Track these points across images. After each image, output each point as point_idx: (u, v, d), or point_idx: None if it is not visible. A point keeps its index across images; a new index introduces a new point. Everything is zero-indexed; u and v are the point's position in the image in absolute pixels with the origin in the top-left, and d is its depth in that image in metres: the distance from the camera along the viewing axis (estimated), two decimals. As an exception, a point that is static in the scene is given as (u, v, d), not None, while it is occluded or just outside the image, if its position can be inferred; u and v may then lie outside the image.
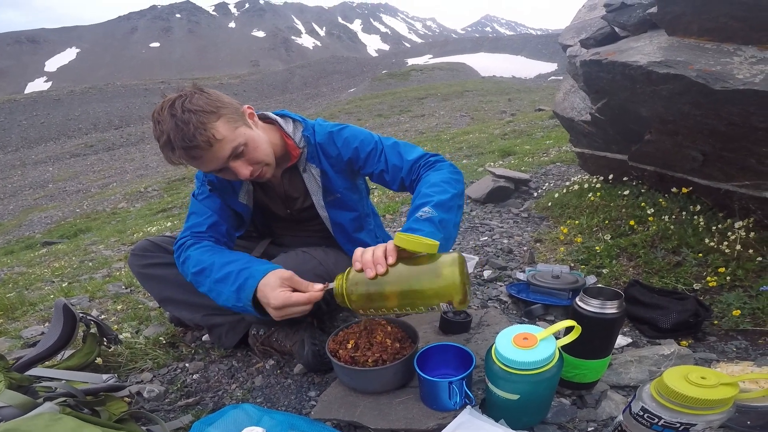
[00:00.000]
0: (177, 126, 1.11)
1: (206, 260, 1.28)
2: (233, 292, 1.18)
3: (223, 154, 1.18)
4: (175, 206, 7.72)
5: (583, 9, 2.93)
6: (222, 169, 1.23)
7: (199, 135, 1.12)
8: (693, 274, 1.71)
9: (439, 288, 0.98)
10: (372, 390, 1.23)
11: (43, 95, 36.24)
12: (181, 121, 1.11)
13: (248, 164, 1.24)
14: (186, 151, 1.13)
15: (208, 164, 1.20)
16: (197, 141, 1.12)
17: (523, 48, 61.13)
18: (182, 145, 1.12)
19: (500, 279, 1.99)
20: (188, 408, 1.32)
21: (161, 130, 1.14)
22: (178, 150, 1.13)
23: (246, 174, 1.23)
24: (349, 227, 1.57)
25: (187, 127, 1.11)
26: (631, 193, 2.34)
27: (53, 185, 15.19)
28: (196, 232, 1.39)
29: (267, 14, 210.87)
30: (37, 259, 5.08)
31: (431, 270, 1.00)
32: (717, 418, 0.82)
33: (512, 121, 10.65)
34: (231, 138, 1.18)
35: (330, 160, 1.44)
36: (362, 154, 1.42)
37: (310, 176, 1.44)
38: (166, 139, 1.13)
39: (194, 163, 1.20)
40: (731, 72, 1.40)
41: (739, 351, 1.36)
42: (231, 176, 1.27)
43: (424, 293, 1.00)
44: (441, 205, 1.17)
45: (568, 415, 1.12)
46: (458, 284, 0.97)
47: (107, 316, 2.10)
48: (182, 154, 1.14)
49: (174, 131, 1.11)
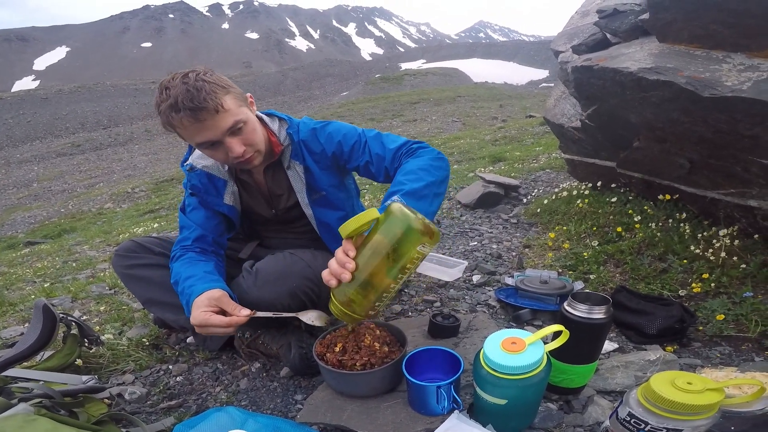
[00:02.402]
0: (188, 90, 1.14)
1: (179, 273, 1.34)
2: (184, 306, 1.27)
3: (224, 125, 1.20)
4: (163, 207, 7.63)
5: (576, 15, 2.97)
6: (216, 142, 1.23)
7: (210, 100, 1.15)
8: (678, 280, 1.73)
9: (403, 233, 0.95)
10: (360, 394, 1.22)
11: (30, 94, 35.70)
12: (193, 87, 1.15)
13: (242, 144, 1.26)
14: (192, 113, 1.15)
15: (207, 132, 1.20)
16: (206, 104, 1.15)
17: (516, 54, 61.77)
18: (190, 106, 1.14)
19: (489, 284, 1.99)
20: (170, 410, 1.29)
21: (168, 94, 1.16)
22: (183, 111, 1.14)
23: (238, 151, 1.24)
24: (336, 227, 1.55)
25: (198, 93, 1.14)
26: (618, 200, 2.36)
27: (38, 184, 14.94)
28: (183, 245, 1.44)
29: (261, 16, 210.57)
30: (19, 259, 4.98)
31: (386, 228, 0.97)
32: (703, 423, 0.82)
33: (503, 127, 10.73)
34: (235, 112, 1.22)
35: (314, 156, 1.44)
36: (346, 148, 1.42)
37: (295, 173, 1.44)
38: (173, 101, 1.14)
39: (194, 128, 1.19)
40: (720, 79, 1.42)
41: (723, 357, 1.37)
42: (221, 155, 1.28)
43: (397, 252, 0.96)
44: (412, 193, 1.14)
45: (555, 420, 1.11)
46: (413, 218, 0.94)
47: (89, 317, 2.05)
48: (187, 115, 1.15)
49: (183, 94, 1.14)
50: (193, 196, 1.48)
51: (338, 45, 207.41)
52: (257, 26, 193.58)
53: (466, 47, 77.34)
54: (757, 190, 1.62)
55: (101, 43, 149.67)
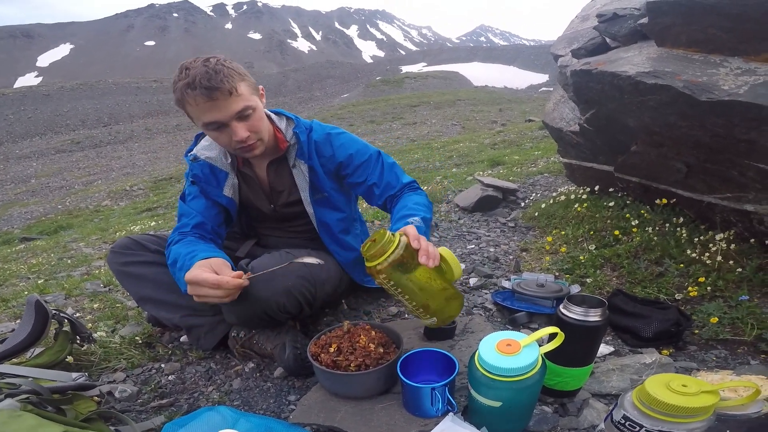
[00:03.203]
0: (207, 71, 1.19)
1: (179, 252, 1.32)
2: (181, 276, 1.21)
3: (234, 108, 1.24)
4: (161, 206, 7.61)
5: (576, 19, 2.97)
6: (222, 125, 1.26)
7: (226, 82, 1.20)
8: (675, 284, 1.72)
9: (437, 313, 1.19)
10: (354, 395, 1.21)
11: (32, 90, 35.69)
12: (212, 69, 1.20)
13: (247, 130, 1.29)
14: (208, 91, 1.19)
15: (217, 112, 1.23)
16: (222, 86, 1.20)
17: (516, 58, 61.96)
18: (206, 85, 1.18)
19: (486, 287, 1.99)
20: (161, 409, 1.28)
21: (187, 74, 1.20)
22: (199, 89, 1.19)
23: (243, 136, 1.27)
24: (335, 227, 1.57)
25: (216, 74, 1.20)
26: (616, 205, 2.36)
27: (36, 180, 14.92)
28: (182, 231, 1.43)
29: (264, 17, 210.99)
30: (14, 255, 4.95)
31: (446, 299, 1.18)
32: (698, 426, 0.82)
33: (502, 131, 10.74)
34: (247, 98, 1.27)
35: (321, 159, 1.49)
36: (355, 162, 1.49)
37: (299, 171, 1.47)
38: (190, 80, 1.19)
39: (206, 106, 1.22)
40: (717, 83, 1.42)
41: (719, 360, 1.37)
42: (225, 138, 1.30)
43: (431, 309, 1.17)
44: (425, 221, 1.29)
45: (550, 423, 1.11)
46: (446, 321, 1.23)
47: (83, 315, 2.04)
48: (202, 93, 1.19)
49: (202, 74, 1.19)
50: (194, 186, 1.50)
51: (340, 47, 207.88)
52: (260, 27, 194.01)
53: (466, 51, 77.56)
54: (754, 195, 1.61)
55: (105, 41, 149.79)
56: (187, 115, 1.30)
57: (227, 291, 1.15)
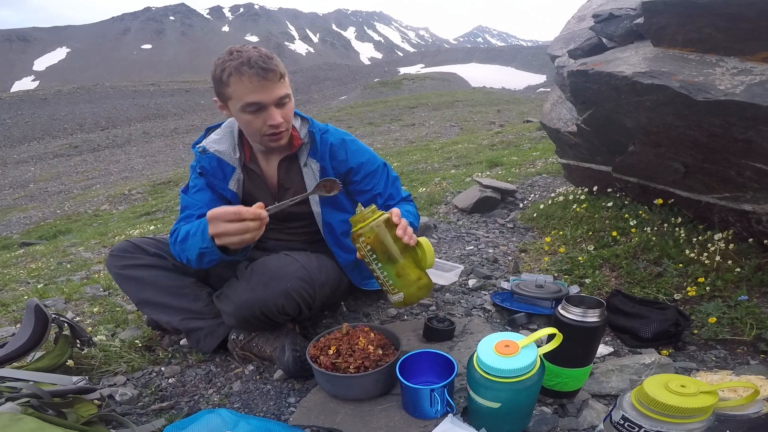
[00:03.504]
0: (261, 55, 1.28)
1: (189, 227, 1.35)
2: (199, 235, 1.24)
3: (279, 92, 1.32)
4: (160, 210, 7.60)
5: (573, 20, 2.98)
6: (262, 107, 1.31)
7: (278, 67, 1.30)
8: (674, 284, 1.73)
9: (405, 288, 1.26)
10: (353, 397, 1.21)
11: (29, 94, 35.65)
12: (265, 54, 1.30)
13: (281, 117, 1.35)
14: (263, 71, 1.26)
15: (264, 93, 1.29)
16: (276, 68, 1.29)
17: (514, 59, 62.08)
18: (263, 65, 1.26)
19: (485, 288, 1.99)
20: (162, 412, 1.28)
21: (240, 55, 1.27)
22: (255, 68, 1.25)
23: (279, 120, 1.34)
24: (338, 228, 1.59)
25: (270, 59, 1.29)
26: (614, 205, 2.37)
27: (34, 185, 14.89)
28: (187, 221, 1.45)
29: (261, 19, 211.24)
30: (14, 260, 4.95)
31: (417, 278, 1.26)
32: (696, 426, 0.82)
33: (501, 132, 10.75)
34: (288, 86, 1.37)
35: (334, 162, 1.54)
36: (366, 170, 1.56)
37: (310, 170, 1.50)
38: (245, 60, 1.25)
39: (256, 85, 1.27)
40: (713, 83, 1.42)
41: (718, 360, 1.37)
42: (259, 122, 1.34)
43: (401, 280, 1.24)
44: (413, 227, 1.40)
45: (550, 423, 1.11)
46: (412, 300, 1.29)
47: (83, 319, 2.04)
48: (256, 72, 1.25)
49: (258, 57, 1.27)
50: (201, 178, 1.52)
51: (337, 49, 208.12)
52: (257, 29, 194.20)
53: (464, 52, 77.73)
54: (751, 194, 1.62)
55: (101, 45, 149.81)
56: (223, 96, 1.33)
57: (248, 224, 1.13)
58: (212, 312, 1.50)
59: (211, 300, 1.51)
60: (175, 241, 1.38)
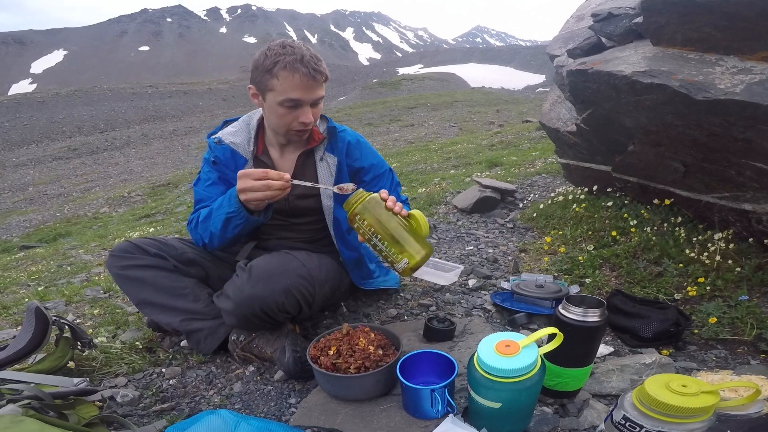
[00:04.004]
0: (312, 56, 1.35)
1: (210, 208, 1.46)
2: (226, 201, 1.37)
3: (319, 94, 1.40)
4: (159, 212, 7.59)
5: (572, 19, 2.98)
6: (300, 104, 1.38)
7: (325, 70, 1.38)
8: (674, 284, 1.73)
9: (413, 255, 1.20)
10: (354, 397, 1.21)
11: (27, 97, 35.60)
12: (316, 55, 1.37)
13: (312, 116, 1.42)
14: (315, 72, 1.33)
15: (306, 92, 1.36)
16: (324, 71, 1.37)
17: (513, 59, 62.09)
18: (315, 66, 1.33)
19: (485, 288, 1.99)
20: (163, 413, 1.28)
21: (293, 50, 1.32)
22: (309, 68, 1.32)
23: (310, 119, 1.41)
24: (344, 225, 1.61)
25: (320, 61, 1.37)
26: (614, 205, 2.37)
27: (33, 188, 14.87)
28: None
29: (259, 20, 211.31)
30: (14, 263, 4.94)
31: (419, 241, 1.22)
32: (698, 426, 0.82)
33: (500, 132, 10.76)
34: (324, 90, 1.43)
35: (348, 159, 1.60)
36: (374, 172, 1.63)
37: (325, 164, 1.55)
38: (299, 57, 1.31)
39: (303, 83, 1.33)
40: (713, 82, 1.43)
41: (719, 360, 1.37)
42: (291, 117, 1.40)
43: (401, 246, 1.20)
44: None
45: (551, 423, 1.11)
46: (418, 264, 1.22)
47: (83, 321, 2.04)
48: (309, 71, 1.32)
49: (310, 56, 1.34)
50: (214, 171, 1.58)
51: (336, 50, 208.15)
52: (255, 30, 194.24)
53: (463, 52, 77.78)
54: (751, 194, 1.62)
55: (99, 47, 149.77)
56: (264, 86, 1.37)
57: (272, 182, 1.26)
58: (213, 313, 1.50)
59: (211, 301, 1.51)
60: (197, 224, 1.50)
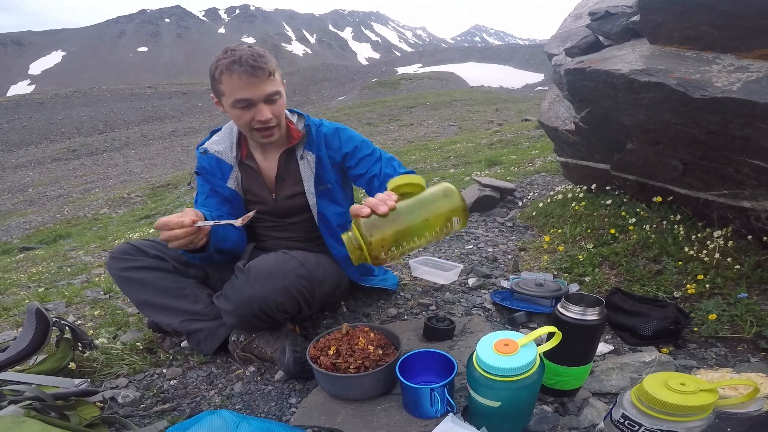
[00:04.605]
0: (252, 54, 1.34)
1: None
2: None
3: (267, 89, 1.37)
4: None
5: (569, 18, 2.99)
6: (251, 104, 1.37)
7: (268, 65, 1.36)
8: (673, 282, 1.73)
9: (452, 205, 1.05)
10: (353, 397, 1.21)
11: (26, 98, 35.63)
12: (256, 52, 1.35)
13: (271, 112, 1.41)
14: (252, 68, 1.32)
15: (252, 89, 1.35)
16: (265, 66, 1.34)
17: (511, 58, 62.10)
18: (252, 63, 1.31)
19: (485, 287, 1.99)
20: (164, 414, 1.28)
21: (233, 53, 1.33)
22: (245, 66, 1.31)
23: (267, 116, 1.39)
24: (333, 221, 1.61)
25: (260, 57, 1.35)
26: (613, 203, 2.37)
27: (33, 190, 14.88)
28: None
29: (257, 20, 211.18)
30: (14, 265, 4.94)
31: (439, 193, 1.06)
32: (697, 424, 0.82)
33: (499, 131, 10.77)
34: (278, 84, 1.42)
35: (330, 151, 1.59)
36: (359, 154, 1.58)
37: (306, 163, 1.55)
38: (236, 58, 1.32)
39: (244, 82, 1.33)
40: (710, 80, 1.43)
41: (719, 358, 1.38)
42: (248, 117, 1.39)
43: (439, 215, 1.04)
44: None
45: (551, 422, 1.11)
46: (462, 200, 1.06)
47: (84, 322, 2.04)
48: (246, 70, 1.31)
49: (248, 55, 1.33)
50: (206, 184, 1.61)
51: (335, 49, 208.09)
52: (254, 31, 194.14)
53: (462, 51, 77.77)
54: (750, 191, 1.62)
55: (97, 48, 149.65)
56: (217, 92, 1.40)
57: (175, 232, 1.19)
58: (213, 313, 1.50)
59: (211, 301, 1.51)
60: None
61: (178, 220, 1.22)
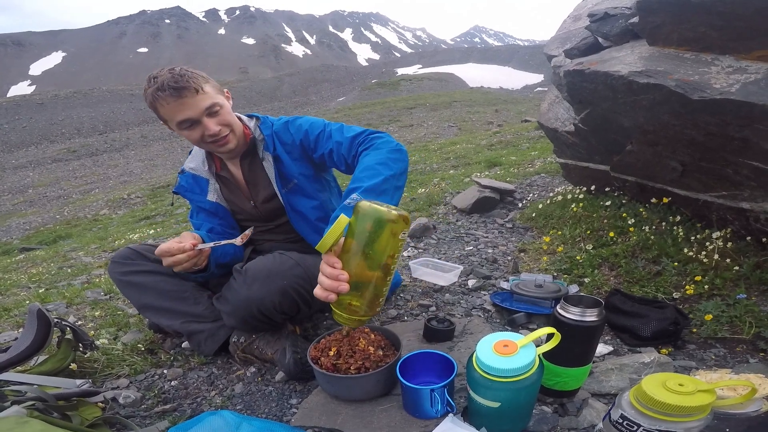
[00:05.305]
0: (173, 76, 1.32)
1: None
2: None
3: (203, 104, 1.36)
4: (159, 214, 7.61)
5: (569, 20, 2.99)
6: (195, 122, 1.37)
7: (191, 82, 1.33)
8: (672, 283, 1.73)
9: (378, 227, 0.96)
10: (354, 398, 1.22)
11: (26, 99, 35.63)
12: (177, 74, 1.33)
13: (218, 124, 1.40)
14: (176, 91, 1.30)
15: (187, 110, 1.34)
16: (188, 84, 1.32)
17: (511, 59, 62.11)
18: (174, 85, 1.30)
19: (484, 288, 2.00)
20: (165, 414, 1.29)
21: (155, 81, 1.32)
22: (168, 90, 1.30)
23: (215, 129, 1.39)
24: (311, 215, 1.60)
25: (181, 77, 1.32)
26: (612, 204, 2.37)
27: (33, 190, 14.88)
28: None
29: (257, 21, 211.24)
30: (14, 265, 4.95)
31: (360, 228, 0.97)
32: (695, 425, 0.82)
33: (499, 132, 10.77)
34: (213, 96, 1.39)
35: (285, 146, 1.56)
36: (311, 136, 1.53)
37: (268, 164, 1.55)
38: (159, 84, 1.31)
39: (176, 105, 1.33)
40: (709, 81, 1.43)
41: (718, 359, 1.38)
42: (197, 134, 1.40)
43: (378, 245, 0.97)
44: (371, 190, 1.16)
45: (550, 423, 1.12)
46: (384, 211, 0.96)
47: (84, 323, 2.04)
48: (171, 94, 1.31)
49: (169, 78, 1.31)
50: (189, 200, 1.65)
51: (334, 50, 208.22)
52: (253, 32, 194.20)
53: (461, 52, 77.82)
54: (749, 193, 1.63)
55: (97, 48, 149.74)
56: (161, 119, 1.41)
57: (177, 257, 1.24)
58: (213, 315, 1.51)
59: (211, 303, 1.52)
60: None
61: (179, 246, 1.25)
